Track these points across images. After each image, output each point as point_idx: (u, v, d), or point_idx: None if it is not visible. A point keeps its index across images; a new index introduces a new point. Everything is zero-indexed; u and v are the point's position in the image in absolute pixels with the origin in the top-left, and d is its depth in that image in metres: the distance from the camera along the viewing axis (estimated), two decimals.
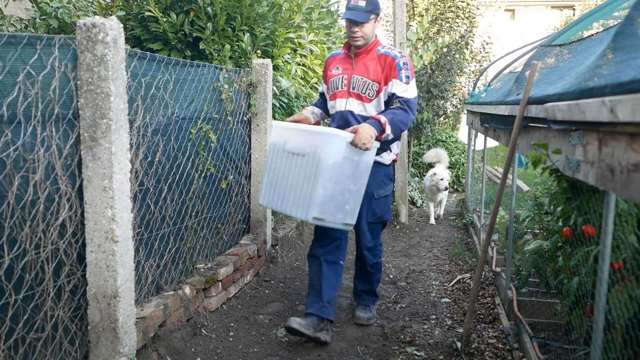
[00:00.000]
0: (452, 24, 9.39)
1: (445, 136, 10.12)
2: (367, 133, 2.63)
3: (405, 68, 2.86)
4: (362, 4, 2.82)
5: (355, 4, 2.82)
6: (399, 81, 2.85)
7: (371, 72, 2.89)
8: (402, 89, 2.85)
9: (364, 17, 2.81)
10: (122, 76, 2.12)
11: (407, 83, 2.85)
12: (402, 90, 2.85)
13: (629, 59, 1.41)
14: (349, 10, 2.83)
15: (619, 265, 1.77)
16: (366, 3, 2.82)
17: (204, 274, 3.07)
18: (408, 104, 2.84)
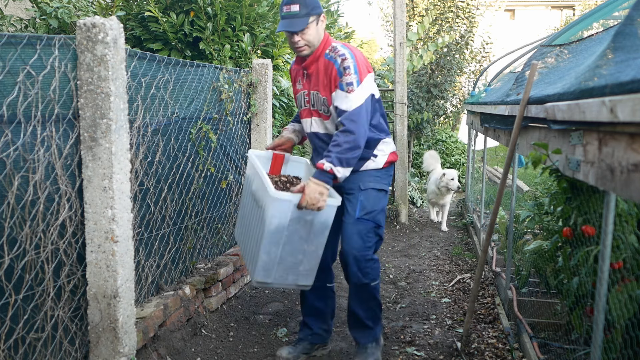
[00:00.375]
0: (452, 24, 9.39)
1: (445, 136, 10.12)
2: (314, 192, 2.26)
3: (347, 73, 2.37)
4: (296, 8, 2.40)
5: (288, 11, 2.41)
6: (339, 91, 2.39)
7: (321, 84, 2.49)
8: (343, 101, 2.38)
9: (302, 23, 2.40)
10: (122, 76, 2.12)
11: (349, 91, 2.36)
12: (343, 102, 2.38)
13: (629, 59, 1.41)
14: (283, 19, 2.44)
15: (619, 265, 1.77)
16: (300, 6, 2.40)
17: (204, 274, 3.07)
18: (350, 120, 2.35)
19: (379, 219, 2.58)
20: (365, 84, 2.40)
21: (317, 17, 2.45)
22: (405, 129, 6.13)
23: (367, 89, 2.41)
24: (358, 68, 2.39)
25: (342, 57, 2.40)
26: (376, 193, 2.58)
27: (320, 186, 2.30)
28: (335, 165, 2.32)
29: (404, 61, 6.04)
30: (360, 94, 2.37)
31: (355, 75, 2.37)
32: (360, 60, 2.42)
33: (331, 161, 2.32)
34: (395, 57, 6.07)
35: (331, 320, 2.79)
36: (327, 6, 6.04)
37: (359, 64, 2.40)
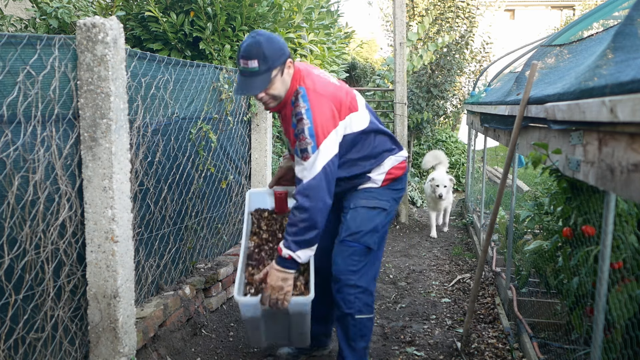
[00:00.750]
0: (452, 24, 9.39)
1: (445, 136, 10.12)
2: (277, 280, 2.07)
3: (302, 138, 2.04)
4: (254, 64, 2.02)
5: (245, 67, 2.04)
6: (296, 157, 2.11)
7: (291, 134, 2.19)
8: (297, 168, 2.10)
9: (263, 82, 2.05)
10: (122, 76, 2.12)
11: (304, 159, 2.05)
12: (297, 169, 2.10)
13: (629, 59, 1.41)
14: (241, 75, 2.07)
15: (619, 265, 1.77)
16: (259, 62, 2.01)
17: (204, 274, 3.07)
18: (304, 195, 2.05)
19: (367, 240, 2.28)
20: (324, 149, 2.05)
21: (282, 67, 2.09)
22: (405, 129, 6.13)
23: (329, 151, 2.07)
24: (315, 131, 2.04)
25: (299, 116, 2.08)
26: (367, 211, 2.30)
27: (282, 272, 2.09)
28: (294, 251, 2.08)
29: (404, 61, 6.04)
30: (316, 161, 2.05)
31: (311, 139, 2.04)
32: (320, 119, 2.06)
33: (288, 246, 2.08)
34: (395, 57, 6.07)
35: (331, 325, 2.74)
36: (327, 6, 6.04)
37: (317, 125, 2.05)
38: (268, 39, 2.05)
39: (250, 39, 2.05)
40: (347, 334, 2.35)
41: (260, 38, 2.04)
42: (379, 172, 2.35)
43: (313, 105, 2.09)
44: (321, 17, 5.61)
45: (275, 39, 2.09)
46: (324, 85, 2.20)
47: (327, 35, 5.92)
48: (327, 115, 2.11)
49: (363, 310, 2.32)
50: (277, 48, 2.07)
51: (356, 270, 2.29)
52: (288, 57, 2.11)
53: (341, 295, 2.30)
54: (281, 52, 2.08)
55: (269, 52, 2.04)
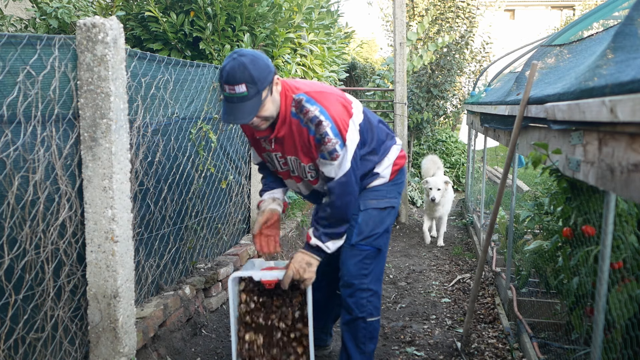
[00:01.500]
0: (452, 24, 9.39)
1: (445, 136, 10.12)
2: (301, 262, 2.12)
3: (327, 141, 1.99)
4: (242, 89, 1.87)
5: (232, 93, 1.89)
6: (322, 160, 2.07)
7: (300, 151, 2.11)
8: (327, 169, 2.07)
9: (254, 107, 1.91)
10: (122, 76, 2.12)
11: (334, 159, 2.02)
12: (327, 170, 2.07)
13: (629, 59, 1.41)
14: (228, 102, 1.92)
15: (619, 265, 1.77)
16: (247, 86, 1.87)
17: (204, 274, 3.07)
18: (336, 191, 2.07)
19: (379, 242, 2.27)
20: (349, 141, 2.04)
21: (271, 86, 1.96)
22: (405, 129, 6.13)
23: (353, 144, 2.06)
24: (337, 128, 2.00)
25: (315, 121, 1.98)
26: (378, 213, 2.27)
27: (307, 255, 2.12)
28: (324, 242, 2.12)
29: (404, 61, 6.04)
30: (346, 156, 2.04)
31: (337, 138, 1.99)
32: (336, 115, 2.01)
33: (319, 237, 2.12)
34: (395, 57, 6.07)
35: (331, 322, 2.75)
36: (327, 6, 6.05)
37: (337, 121, 2.00)
38: (252, 58, 1.89)
39: (232, 61, 1.88)
40: (357, 337, 2.31)
41: (244, 59, 1.87)
42: (386, 164, 2.31)
43: (324, 104, 2.01)
44: (321, 17, 5.61)
45: (260, 57, 1.94)
46: (317, 85, 2.15)
47: (327, 35, 5.92)
48: (340, 109, 2.06)
49: (373, 313, 2.31)
50: (264, 67, 1.92)
51: (368, 273, 2.26)
52: (274, 73, 1.99)
53: (354, 300, 2.26)
54: (268, 71, 1.93)
55: (257, 73, 1.88)
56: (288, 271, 2.10)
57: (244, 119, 1.92)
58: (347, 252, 2.26)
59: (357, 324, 2.29)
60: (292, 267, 2.10)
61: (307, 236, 2.15)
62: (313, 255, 2.13)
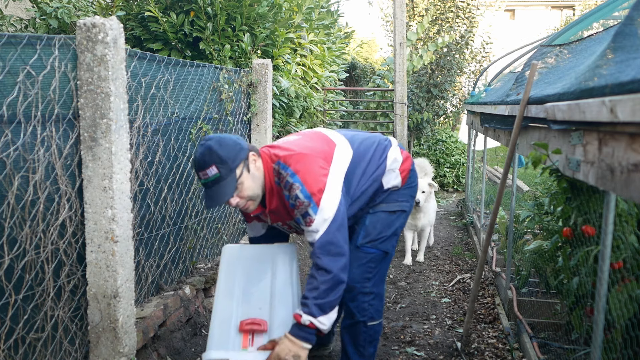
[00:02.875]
0: (452, 24, 9.40)
1: (445, 136, 10.13)
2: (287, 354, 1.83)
3: (299, 204, 1.92)
4: (214, 171, 1.89)
5: (205, 178, 1.91)
6: (299, 225, 2.01)
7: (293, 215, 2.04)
8: (307, 235, 1.97)
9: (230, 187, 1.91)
10: (122, 76, 2.12)
11: (308, 224, 1.93)
12: (307, 236, 1.98)
13: (629, 59, 1.41)
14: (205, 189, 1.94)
15: (619, 265, 1.77)
16: (217, 167, 1.89)
17: (204, 274, 3.07)
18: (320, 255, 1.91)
19: (386, 245, 2.21)
20: (326, 204, 1.92)
21: (245, 163, 1.94)
22: (405, 129, 6.13)
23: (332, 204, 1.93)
24: (309, 190, 1.91)
25: (288, 185, 1.94)
26: (387, 216, 2.21)
27: (296, 345, 1.84)
28: (317, 316, 1.88)
29: (404, 61, 6.04)
30: (323, 218, 1.92)
31: (308, 200, 1.91)
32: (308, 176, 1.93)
33: (309, 312, 1.87)
34: (395, 57, 6.07)
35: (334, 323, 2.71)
36: (327, 6, 6.05)
37: (308, 183, 1.92)
38: (218, 139, 1.92)
39: (200, 147, 1.93)
40: (357, 340, 2.25)
41: (210, 142, 1.91)
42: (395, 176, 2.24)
43: (295, 167, 1.95)
44: (321, 17, 5.61)
45: (226, 137, 1.95)
46: (294, 144, 2.07)
47: (327, 35, 5.92)
48: (314, 169, 1.96)
49: (375, 316, 2.25)
50: (232, 145, 1.92)
51: (371, 277, 2.20)
52: (248, 151, 1.97)
53: (355, 304, 2.19)
54: (237, 148, 1.93)
55: (225, 153, 1.89)
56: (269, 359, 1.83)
57: (224, 199, 1.91)
58: (351, 255, 2.14)
59: (358, 328, 2.24)
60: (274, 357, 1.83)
61: (296, 317, 1.90)
62: (303, 344, 1.86)
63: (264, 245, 2.27)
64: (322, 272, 1.91)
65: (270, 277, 2.12)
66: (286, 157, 1.99)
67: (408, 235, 4.60)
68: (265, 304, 2.03)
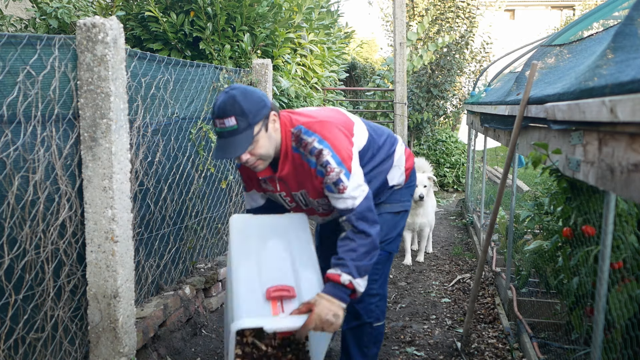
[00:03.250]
0: (452, 24, 9.40)
1: (445, 136, 10.13)
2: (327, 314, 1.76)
3: (329, 171, 1.87)
4: (232, 122, 1.80)
5: (222, 127, 1.82)
6: (329, 193, 1.93)
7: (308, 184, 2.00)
8: (339, 203, 1.91)
9: (245, 141, 1.82)
10: (122, 76, 2.12)
11: (341, 191, 1.88)
12: (339, 203, 1.92)
13: (629, 59, 1.41)
14: (220, 137, 1.86)
15: (619, 265, 1.77)
16: (237, 119, 1.80)
17: (204, 274, 3.07)
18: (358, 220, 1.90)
19: (392, 247, 2.21)
20: (356, 169, 1.91)
21: (265, 122, 1.87)
22: (405, 129, 6.13)
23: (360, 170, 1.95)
24: (339, 156, 1.87)
25: (315, 152, 1.88)
26: (392, 217, 2.20)
27: (334, 305, 1.79)
28: (355, 278, 1.84)
29: (404, 61, 6.04)
30: (357, 184, 1.90)
31: (340, 167, 1.87)
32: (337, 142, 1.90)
33: (350, 272, 1.83)
34: (395, 57, 6.07)
35: None
36: (327, 6, 6.04)
37: (338, 149, 1.88)
38: (243, 91, 1.84)
39: (224, 94, 1.84)
40: (361, 341, 2.23)
41: (235, 92, 1.83)
42: (399, 173, 2.23)
43: (322, 133, 1.90)
44: (321, 17, 5.61)
45: (252, 91, 1.87)
46: (315, 114, 2.04)
47: (327, 35, 5.92)
48: (340, 137, 1.94)
49: (380, 317, 2.25)
50: (256, 100, 1.84)
51: (377, 278, 2.18)
52: (271, 109, 1.89)
53: (362, 305, 2.15)
54: (261, 105, 1.85)
55: (247, 106, 1.81)
56: (309, 323, 1.74)
57: (235, 153, 1.82)
58: None
59: (364, 329, 2.21)
60: (316, 318, 1.75)
61: (333, 277, 1.84)
62: (341, 304, 1.82)
63: (273, 215, 2.16)
64: (361, 235, 1.88)
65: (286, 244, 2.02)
66: (310, 124, 1.94)
67: (407, 235, 4.56)
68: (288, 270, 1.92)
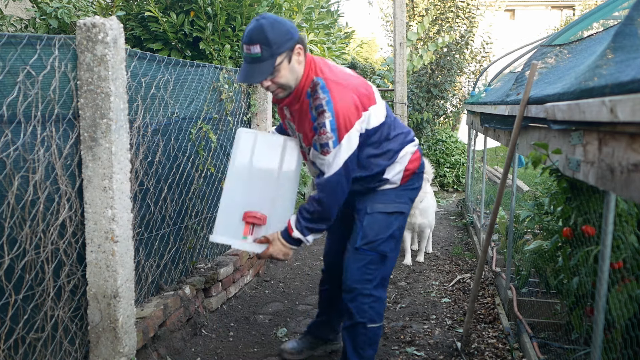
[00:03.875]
0: (452, 24, 9.40)
1: (445, 136, 10.12)
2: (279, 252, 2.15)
3: (322, 132, 1.96)
4: (256, 50, 1.91)
5: (248, 53, 1.94)
6: (314, 151, 2.07)
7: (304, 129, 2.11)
8: (319, 163, 2.06)
9: (265, 69, 1.94)
10: (122, 76, 2.12)
11: (324, 154, 1.99)
12: (319, 163, 2.06)
13: (629, 58, 1.41)
14: (245, 62, 1.98)
15: (619, 265, 1.77)
16: (261, 47, 1.90)
17: (204, 274, 3.07)
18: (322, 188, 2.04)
19: (384, 248, 2.21)
20: (346, 144, 1.98)
21: (289, 54, 1.97)
22: None
23: (349, 147, 2.00)
24: (337, 124, 1.95)
25: (320, 109, 1.97)
26: (385, 217, 2.22)
27: (286, 247, 2.16)
28: (305, 235, 2.13)
29: (404, 61, 6.04)
30: (337, 157, 1.99)
31: (332, 133, 1.96)
32: (342, 113, 1.96)
33: (300, 230, 2.12)
34: (395, 57, 6.07)
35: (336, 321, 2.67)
36: (327, 6, 6.04)
37: (339, 117, 1.95)
38: (272, 22, 1.92)
39: (254, 22, 1.93)
40: (356, 341, 2.27)
41: (264, 21, 1.91)
42: (398, 170, 2.23)
43: (334, 96, 1.97)
44: (321, 17, 5.61)
45: (281, 22, 1.94)
46: (343, 75, 2.10)
47: (327, 35, 5.92)
48: (349, 107, 1.99)
49: (375, 319, 2.25)
50: (283, 32, 1.93)
51: (372, 278, 2.21)
52: (297, 42, 1.98)
53: (355, 304, 2.22)
54: (288, 37, 1.94)
55: (273, 37, 1.90)
56: (264, 254, 2.18)
57: (255, 79, 1.97)
58: (351, 256, 2.22)
59: (357, 330, 2.25)
60: (269, 252, 2.16)
61: (289, 227, 2.14)
62: (292, 247, 2.16)
63: (277, 135, 2.36)
64: (319, 203, 2.07)
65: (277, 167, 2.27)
66: (330, 82, 2.01)
67: (407, 235, 4.55)
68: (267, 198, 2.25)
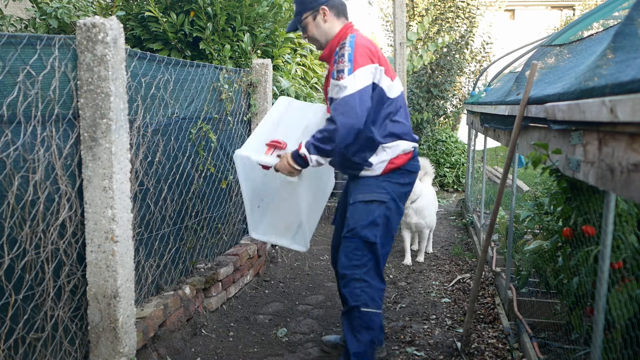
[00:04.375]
0: (452, 24, 9.40)
1: (445, 136, 10.12)
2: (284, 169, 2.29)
3: (340, 61, 2.22)
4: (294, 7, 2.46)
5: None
6: (332, 80, 2.27)
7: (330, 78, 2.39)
8: (334, 90, 2.25)
9: (294, 22, 2.45)
10: (122, 76, 2.12)
11: (339, 79, 2.20)
12: (333, 91, 2.25)
13: (629, 58, 1.41)
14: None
15: (619, 265, 1.77)
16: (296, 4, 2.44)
17: (204, 274, 3.07)
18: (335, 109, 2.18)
19: (365, 233, 2.31)
20: (360, 75, 2.18)
21: (313, 13, 2.38)
22: None
23: (363, 80, 2.19)
24: (354, 57, 2.19)
25: (342, 46, 2.26)
26: (363, 206, 2.34)
27: (291, 164, 2.26)
28: (311, 153, 2.22)
29: (404, 61, 6.04)
30: (352, 82, 2.16)
31: (349, 63, 2.19)
32: (360, 51, 2.22)
33: (308, 147, 2.23)
34: (395, 57, 6.07)
35: None
36: None
37: (357, 54, 2.20)
38: None
39: None
40: (352, 325, 2.35)
41: None
42: (382, 158, 2.34)
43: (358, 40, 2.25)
44: None
45: None
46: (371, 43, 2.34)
47: None
48: (368, 53, 2.25)
49: (369, 303, 2.32)
50: None
51: (360, 264, 2.33)
52: (321, 5, 2.37)
53: (348, 289, 2.33)
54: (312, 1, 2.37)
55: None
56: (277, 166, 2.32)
57: (288, 28, 2.52)
58: (341, 245, 2.40)
59: (352, 314, 2.34)
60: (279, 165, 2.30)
61: (299, 145, 2.25)
62: (296, 166, 2.26)
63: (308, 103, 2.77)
64: (329, 123, 2.18)
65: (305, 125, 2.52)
66: (359, 35, 2.32)
67: (406, 235, 4.55)
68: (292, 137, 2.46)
